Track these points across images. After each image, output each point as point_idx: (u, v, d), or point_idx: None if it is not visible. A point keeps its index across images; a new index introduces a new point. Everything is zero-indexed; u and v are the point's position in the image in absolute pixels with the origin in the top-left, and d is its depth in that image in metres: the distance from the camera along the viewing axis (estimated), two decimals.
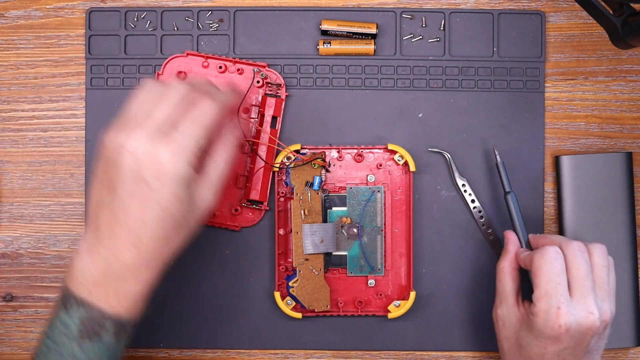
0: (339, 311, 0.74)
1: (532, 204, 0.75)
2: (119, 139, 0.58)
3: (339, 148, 0.74)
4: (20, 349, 0.76)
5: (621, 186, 0.74)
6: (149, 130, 0.58)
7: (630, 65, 0.76)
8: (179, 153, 0.58)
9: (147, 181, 0.58)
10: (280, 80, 0.74)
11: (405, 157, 0.73)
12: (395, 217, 0.74)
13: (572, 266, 0.65)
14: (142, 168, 0.58)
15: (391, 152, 0.74)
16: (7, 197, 0.76)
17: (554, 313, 0.63)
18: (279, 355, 0.76)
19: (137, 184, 0.58)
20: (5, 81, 0.76)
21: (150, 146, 0.58)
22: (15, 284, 0.76)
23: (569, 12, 0.76)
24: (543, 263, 0.65)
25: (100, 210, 0.60)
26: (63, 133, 0.76)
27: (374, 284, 0.74)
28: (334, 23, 0.75)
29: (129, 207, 0.58)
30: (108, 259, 0.59)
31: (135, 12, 0.75)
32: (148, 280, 0.60)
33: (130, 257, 0.59)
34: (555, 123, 0.76)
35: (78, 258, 0.60)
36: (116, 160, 0.58)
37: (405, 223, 0.74)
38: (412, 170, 0.73)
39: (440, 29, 0.76)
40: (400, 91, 0.75)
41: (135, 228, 0.59)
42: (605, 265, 0.66)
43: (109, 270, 0.59)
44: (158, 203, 0.58)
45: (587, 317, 0.63)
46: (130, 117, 0.60)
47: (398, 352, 0.76)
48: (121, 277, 0.59)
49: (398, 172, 0.74)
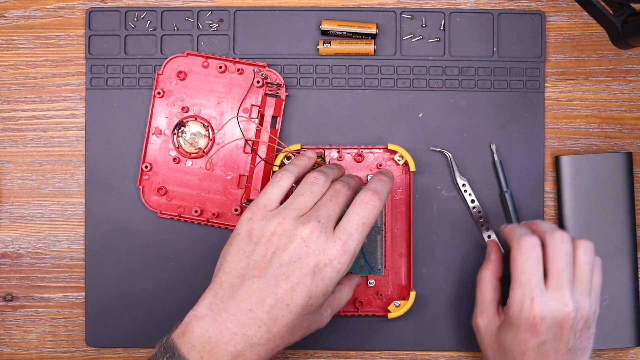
0: (339, 311, 0.74)
1: (532, 204, 0.75)
2: (289, 225, 0.60)
3: (339, 148, 0.74)
4: (20, 349, 0.76)
5: (621, 186, 0.74)
6: (323, 224, 0.60)
7: (630, 65, 0.76)
8: (346, 253, 0.60)
9: (312, 271, 0.59)
10: (280, 80, 0.74)
11: (405, 157, 0.73)
12: (395, 217, 0.74)
13: (552, 257, 0.65)
14: (310, 257, 0.59)
15: (391, 152, 0.74)
16: (7, 197, 0.76)
17: (528, 304, 0.63)
18: (279, 355, 0.76)
19: (298, 269, 0.59)
20: (5, 81, 0.76)
21: (324, 239, 0.60)
22: (15, 284, 0.76)
23: (569, 12, 0.76)
24: (519, 254, 0.65)
25: (239, 281, 0.60)
26: (63, 133, 0.76)
27: (373, 284, 0.74)
28: (334, 23, 0.75)
29: (278, 288, 0.59)
30: (232, 331, 0.59)
31: (135, 12, 0.75)
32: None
33: (258, 336, 0.59)
34: (555, 123, 0.76)
35: (197, 321, 0.60)
36: (282, 243, 0.60)
37: (405, 223, 0.74)
38: (412, 170, 0.73)
39: (440, 29, 0.76)
40: (400, 91, 0.75)
41: (275, 310, 0.59)
42: (589, 262, 0.66)
43: (229, 343, 0.59)
44: (308, 293, 0.59)
45: (562, 309, 0.63)
46: (297, 206, 0.62)
47: (398, 352, 0.76)
48: (240, 353, 0.59)
49: (398, 172, 0.74)
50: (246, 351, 0.59)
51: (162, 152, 0.74)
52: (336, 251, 0.60)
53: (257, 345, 0.59)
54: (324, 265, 0.59)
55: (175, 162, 0.74)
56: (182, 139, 0.74)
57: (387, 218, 0.74)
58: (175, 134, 0.74)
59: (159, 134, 0.74)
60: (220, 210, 0.74)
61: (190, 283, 0.75)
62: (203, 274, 0.75)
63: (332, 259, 0.60)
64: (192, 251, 0.75)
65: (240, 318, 0.59)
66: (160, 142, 0.74)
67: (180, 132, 0.74)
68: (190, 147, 0.74)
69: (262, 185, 0.73)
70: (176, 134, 0.74)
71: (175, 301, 0.75)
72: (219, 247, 0.75)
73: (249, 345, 0.59)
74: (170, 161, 0.74)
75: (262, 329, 0.59)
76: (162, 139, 0.74)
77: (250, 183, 0.73)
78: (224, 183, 0.74)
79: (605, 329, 0.74)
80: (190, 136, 0.74)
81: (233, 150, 0.74)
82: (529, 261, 0.64)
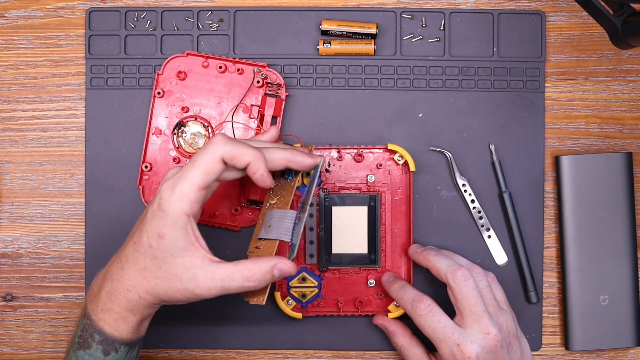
0: (339, 311, 0.74)
1: (532, 204, 0.75)
2: None
3: (338, 148, 0.74)
4: (20, 349, 0.76)
5: (621, 186, 0.74)
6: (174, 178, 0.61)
7: (630, 65, 0.76)
8: (173, 189, 0.60)
9: (153, 212, 0.61)
10: (280, 80, 0.74)
11: (405, 157, 0.73)
12: (395, 217, 0.74)
13: (461, 297, 0.67)
14: (156, 198, 0.61)
15: (391, 152, 0.74)
16: (7, 197, 0.76)
17: (458, 352, 0.66)
18: (279, 355, 0.76)
19: (146, 212, 0.62)
20: (5, 81, 0.76)
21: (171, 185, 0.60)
22: (15, 284, 0.76)
23: (569, 12, 0.76)
24: (422, 319, 0.67)
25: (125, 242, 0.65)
26: (63, 133, 0.76)
27: (374, 284, 0.74)
28: (334, 23, 0.75)
29: (135, 229, 0.63)
30: (105, 274, 0.64)
31: (135, 12, 0.75)
32: (125, 305, 0.62)
33: (115, 272, 0.62)
34: (555, 123, 0.76)
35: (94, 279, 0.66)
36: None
37: (406, 223, 0.74)
38: (412, 170, 0.73)
39: (440, 29, 0.76)
40: (400, 91, 0.75)
41: (126, 248, 0.62)
42: (486, 285, 0.69)
43: (102, 285, 0.64)
44: (146, 232, 0.61)
45: (488, 338, 0.66)
46: None
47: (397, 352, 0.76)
48: (108, 293, 0.63)
49: (398, 172, 0.74)
50: (112, 293, 0.62)
51: (162, 152, 0.74)
52: (169, 191, 0.60)
53: (116, 280, 0.62)
54: (157, 205, 0.60)
55: (175, 162, 0.74)
56: (182, 139, 0.74)
57: (386, 218, 0.74)
58: (175, 134, 0.74)
59: (159, 134, 0.74)
60: (220, 210, 0.74)
61: None
62: None
63: (166, 198, 0.60)
64: None
65: (110, 265, 0.64)
66: (160, 142, 0.74)
67: (180, 132, 0.74)
68: (190, 147, 0.74)
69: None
70: (176, 134, 0.74)
71: None
72: (218, 247, 0.75)
73: (110, 280, 0.63)
74: (170, 161, 0.74)
75: (118, 266, 0.63)
76: (162, 139, 0.74)
77: (250, 183, 0.73)
78: (223, 183, 0.74)
79: (605, 329, 0.74)
80: (190, 136, 0.74)
81: None
82: (434, 317, 0.67)
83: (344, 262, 0.74)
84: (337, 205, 0.74)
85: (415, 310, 0.68)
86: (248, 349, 0.76)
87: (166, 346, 0.76)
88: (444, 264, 0.69)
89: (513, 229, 0.75)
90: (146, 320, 0.64)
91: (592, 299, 0.74)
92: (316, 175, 0.67)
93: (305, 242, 0.74)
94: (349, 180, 0.74)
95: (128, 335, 0.63)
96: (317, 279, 0.74)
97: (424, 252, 0.71)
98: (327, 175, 0.74)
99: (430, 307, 0.68)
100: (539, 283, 0.76)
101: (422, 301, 0.68)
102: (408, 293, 0.70)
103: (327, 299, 0.74)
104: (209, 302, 0.75)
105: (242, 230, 0.75)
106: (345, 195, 0.74)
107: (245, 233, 0.75)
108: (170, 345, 0.76)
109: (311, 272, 0.74)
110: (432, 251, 0.71)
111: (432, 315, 0.67)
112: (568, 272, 0.75)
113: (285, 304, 0.73)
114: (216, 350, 0.76)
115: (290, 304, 0.74)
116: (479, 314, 0.66)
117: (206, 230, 0.75)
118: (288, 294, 0.74)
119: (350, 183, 0.74)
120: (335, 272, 0.74)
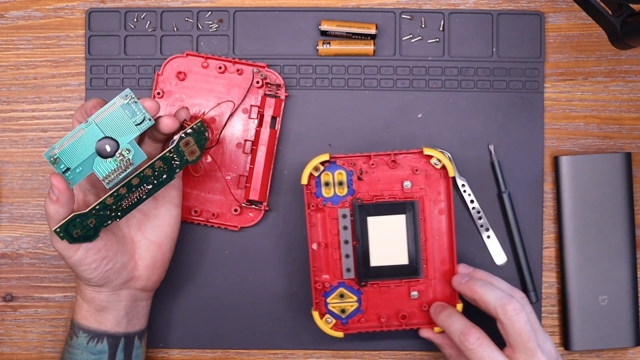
0: (382, 326, 0.72)
1: (532, 204, 0.75)
2: None
3: (370, 155, 0.71)
4: (20, 349, 0.76)
5: (620, 186, 0.75)
6: None
7: (629, 65, 0.76)
8: None
9: None
10: (279, 80, 0.74)
11: (443, 161, 0.70)
12: (435, 223, 0.71)
13: (513, 332, 0.65)
14: None
15: (427, 157, 0.71)
16: (7, 197, 0.76)
17: None
18: (279, 355, 0.76)
19: None
20: (5, 81, 0.76)
21: None
22: (15, 284, 0.76)
23: (568, 12, 0.76)
24: (471, 353, 0.65)
25: None
26: (63, 133, 0.76)
27: (417, 296, 0.72)
28: (333, 23, 0.75)
29: None
30: None
31: (135, 13, 0.76)
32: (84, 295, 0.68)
33: None
34: (555, 123, 0.76)
35: None
36: None
37: (447, 230, 0.71)
38: (451, 176, 0.70)
39: (439, 30, 0.76)
40: (399, 91, 0.75)
41: None
42: (531, 311, 0.67)
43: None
44: None
45: None
46: None
47: (397, 352, 0.76)
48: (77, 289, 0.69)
49: (436, 176, 0.71)
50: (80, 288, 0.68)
51: None
52: None
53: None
54: None
55: None
56: None
57: (426, 225, 0.71)
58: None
59: None
60: (220, 210, 0.74)
61: (189, 282, 0.75)
62: (201, 273, 0.75)
63: None
64: (191, 251, 0.75)
65: None
66: None
67: None
68: None
69: (262, 186, 0.73)
70: None
71: (173, 300, 0.75)
72: (218, 247, 0.75)
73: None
74: None
75: None
76: None
77: (250, 183, 0.73)
78: (223, 183, 0.74)
79: (604, 329, 0.74)
80: None
81: (232, 151, 0.74)
82: (486, 353, 0.64)
83: (384, 274, 0.71)
84: (373, 215, 0.70)
85: (464, 344, 0.65)
86: (248, 349, 0.76)
87: (166, 346, 0.76)
88: (492, 297, 0.66)
89: (512, 229, 0.75)
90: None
91: (591, 299, 0.74)
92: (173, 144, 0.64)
93: (341, 256, 0.71)
94: (384, 188, 0.71)
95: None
96: (356, 294, 0.72)
97: (469, 283, 0.68)
98: (359, 184, 0.71)
99: (479, 340, 0.65)
100: (538, 283, 0.76)
101: (471, 334, 0.65)
102: (455, 324, 0.67)
103: (368, 314, 0.72)
104: (209, 302, 0.75)
105: (242, 231, 0.75)
106: (381, 204, 0.70)
107: (245, 233, 0.75)
108: (170, 345, 0.76)
109: (349, 286, 0.71)
110: (477, 281, 0.68)
111: (482, 349, 0.65)
112: (567, 272, 0.75)
113: (324, 322, 0.71)
114: (216, 350, 0.76)
115: (330, 322, 0.71)
116: (533, 350, 0.64)
117: (206, 230, 0.75)
118: (327, 310, 0.71)
119: (385, 191, 0.71)
120: (375, 286, 0.71)
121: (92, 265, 0.64)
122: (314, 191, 0.71)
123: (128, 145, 0.62)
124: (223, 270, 0.75)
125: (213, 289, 0.75)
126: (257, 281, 0.75)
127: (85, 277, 0.65)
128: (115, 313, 0.68)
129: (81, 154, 0.62)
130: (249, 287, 0.75)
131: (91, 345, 0.68)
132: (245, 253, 0.75)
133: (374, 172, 0.71)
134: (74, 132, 0.61)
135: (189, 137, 0.64)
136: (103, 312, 0.68)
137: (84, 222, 0.62)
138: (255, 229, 0.75)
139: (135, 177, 0.62)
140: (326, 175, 0.70)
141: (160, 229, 0.68)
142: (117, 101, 0.62)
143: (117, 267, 0.66)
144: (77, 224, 0.62)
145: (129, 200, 0.63)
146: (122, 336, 0.69)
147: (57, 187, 0.61)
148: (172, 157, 0.64)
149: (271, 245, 0.75)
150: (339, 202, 0.71)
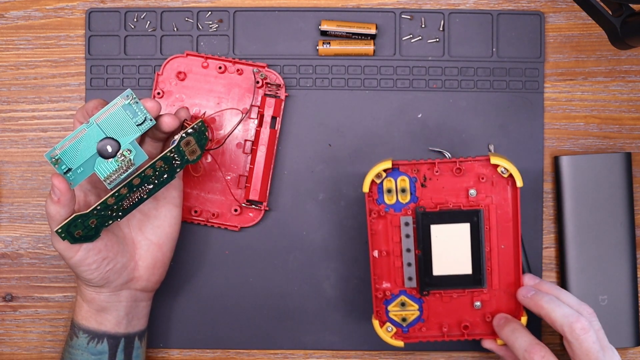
0: (444, 336, 0.70)
1: (532, 204, 0.75)
2: None
3: (434, 162, 0.68)
4: (20, 349, 0.76)
5: (620, 186, 0.75)
6: None
7: (629, 65, 0.76)
8: None
9: None
10: (279, 80, 0.74)
11: (510, 170, 0.67)
12: (501, 233, 0.69)
13: (580, 353, 0.63)
14: None
15: (493, 166, 0.68)
16: (7, 197, 0.76)
17: None
18: (279, 355, 0.76)
19: None
20: (5, 81, 0.76)
21: None
22: (15, 284, 0.76)
23: (568, 12, 0.76)
24: None
25: None
26: (63, 133, 0.76)
27: (480, 306, 0.70)
28: (333, 23, 0.75)
29: None
30: None
31: (135, 13, 0.76)
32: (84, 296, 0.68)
33: None
34: (555, 123, 0.76)
35: None
36: None
37: (514, 240, 0.69)
38: (519, 186, 0.67)
39: (439, 30, 0.76)
40: (399, 91, 0.75)
41: None
42: (599, 327, 0.65)
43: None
44: None
45: None
46: None
47: (397, 352, 0.76)
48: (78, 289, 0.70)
49: (502, 185, 0.68)
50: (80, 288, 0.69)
51: None
52: None
53: None
54: None
55: None
56: None
57: (491, 234, 0.69)
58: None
59: None
60: (220, 210, 0.74)
61: (189, 282, 0.75)
62: (201, 273, 0.75)
63: None
64: (191, 251, 0.75)
65: None
66: None
67: None
68: None
69: (262, 186, 0.73)
70: None
71: (173, 300, 0.75)
72: (218, 247, 0.75)
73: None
74: None
75: None
76: None
77: (250, 183, 0.73)
78: (223, 183, 0.74)
79: (604, 329, 0.74)
80: None
81: (233, 151, 0.74)
82: None
83: (447, 284, 0.69)
84: (436, 224, 0.68)
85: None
86: (248, 349, 0.76)
87: (166, 346, 0.76)
88: (559, 315, 0.64)
89: None
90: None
91: (591, 299, 0.74)
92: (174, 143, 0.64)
93: (402, 264, 0.69)
94: (448, 195, 0.69)
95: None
96: (417, 303, 0.70)
97: (535, 297, 0.66)
98: (422, 191, 0.69)
99: (544, 358, 0.63)
100: None
101: (536, 352, 0.63)
102: (519, 340, 0.65)
103: (430, 323, 0.70)
104: (209, 302, 0.75)
105: (242, 231, 0.75)
106: (445, 212, 0.68)
107: (245, 233, 0.75)
108: (170, 345, 0.76)
109: (411, 295, 0.70)
110: (544, 296, 0.66)
111: None
112: (567, 273, 0.75)
113: (385, 331, 0.70)
114: (216, 350, 0.76)
115: (390, 331, 0.70)
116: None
117: (206, 230, 0.75)
118: (387, 318, 0.70)
119: (449, 199, 0.69)
120: (437, 295, 0.70)
121: (93, 266, 0.64)
122: (375, 198, 0.69)
123: (129, 146, 0.62)
124: (223, 270, 0.75)
125: (213, 289, 0.75)
126: (257, 281, 0.75)
127: (85, 277, 0.65)
128: (116, 313, 0.68)
129: (82, 155, 0.62)
130: (249, 287, 0.75)
131: (91, 346, 0.68)
132: (245, 253, 0.75)
133: (437, 180, 0.68)
134: (75, 133, 0.61)
135: (190, 136, 0.64)
136: (103, 312, 0.68)
137: (85, 222, 0.62)
138: (255, 229, 0.75)
139: (136, 177, 0.62)
140: (389, 181, 0.68)
141: (160, 230, 0.68)
142: (118, 101, 0.62)
143: (117, 268, 0.66)
144: (79, 225, 0.62)
145: (130, 200, 0.63)
146: (122, 337, 0.69)
147: (58, 188, 0.61)
148: (173, 156, 0.64)
149: (271, 245, 0.75)
150: (402, 209, 0.69)
